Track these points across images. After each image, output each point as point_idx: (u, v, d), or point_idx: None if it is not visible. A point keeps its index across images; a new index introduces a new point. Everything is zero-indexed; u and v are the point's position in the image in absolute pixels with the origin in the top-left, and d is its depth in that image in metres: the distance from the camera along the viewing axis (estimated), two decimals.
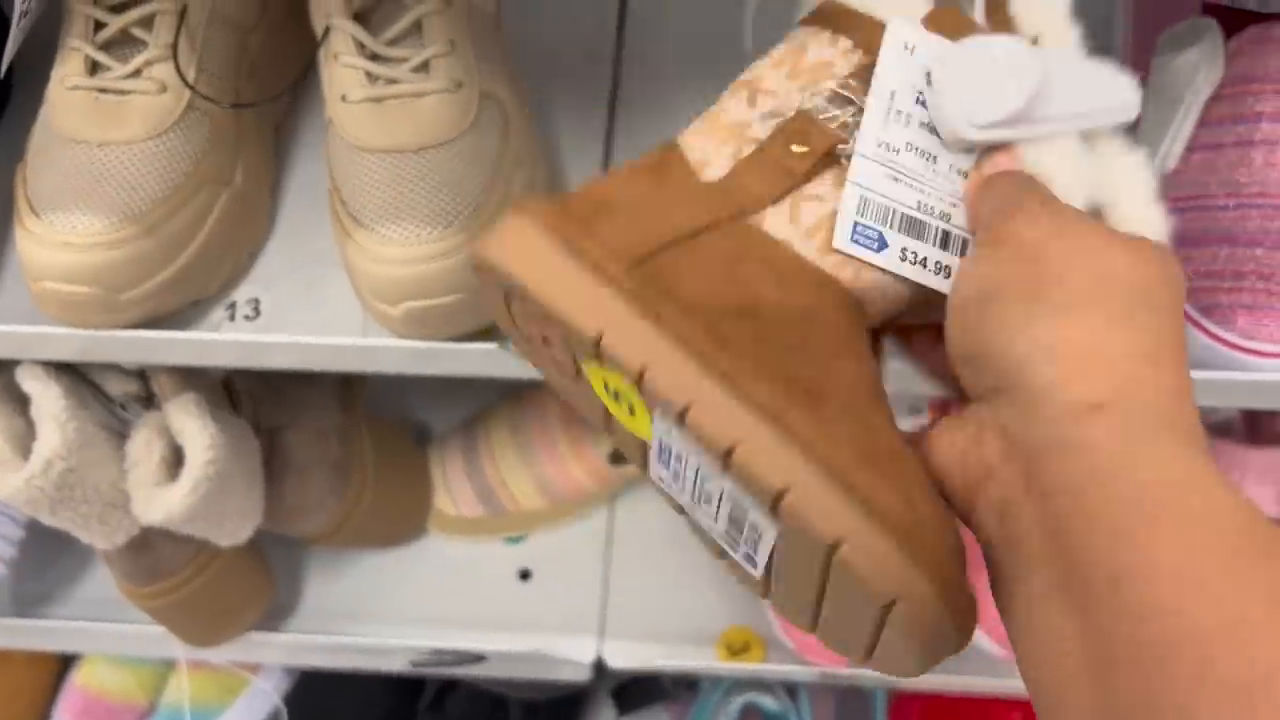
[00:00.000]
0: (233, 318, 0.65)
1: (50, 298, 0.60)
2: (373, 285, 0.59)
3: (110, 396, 0.69)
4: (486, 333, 0.62)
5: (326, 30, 0.60)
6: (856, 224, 0.41)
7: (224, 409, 0.72)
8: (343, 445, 0.81)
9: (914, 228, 0.42)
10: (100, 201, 0.59)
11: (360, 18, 0.61)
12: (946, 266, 0.42)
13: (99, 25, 0.61)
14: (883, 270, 0.42)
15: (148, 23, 0.61)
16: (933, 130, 0.43)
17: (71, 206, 0.58)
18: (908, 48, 0.43)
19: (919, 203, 0.42)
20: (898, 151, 0.42)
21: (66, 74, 0.61)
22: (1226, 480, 0.30)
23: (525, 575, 0.94)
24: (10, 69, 0.60)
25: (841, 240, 0.41)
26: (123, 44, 0.61)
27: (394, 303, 0.58)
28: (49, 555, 0.93)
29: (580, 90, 0.74)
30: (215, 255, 0.64)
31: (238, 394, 0.75)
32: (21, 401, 0.67)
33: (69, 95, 0.61)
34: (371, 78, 0.60)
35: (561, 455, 0.90)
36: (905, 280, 0.42)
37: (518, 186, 0.62)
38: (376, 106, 0.60)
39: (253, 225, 0.67)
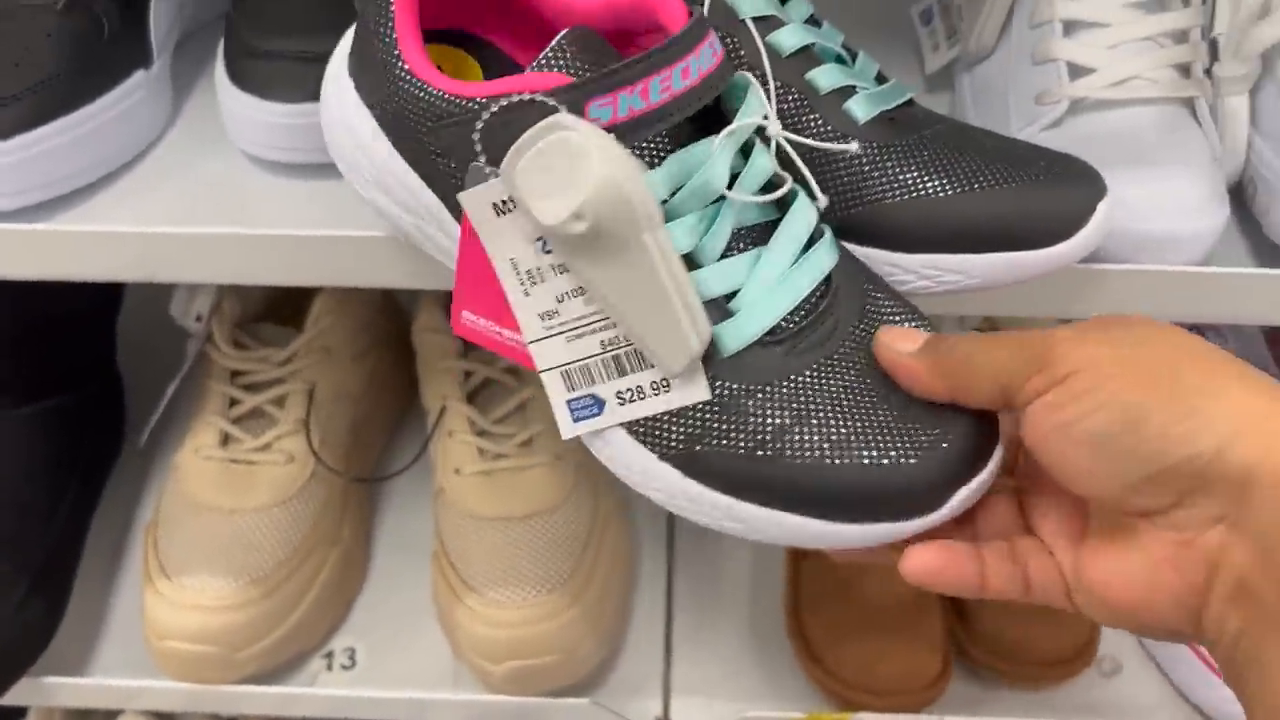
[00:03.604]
0: (330, 667, 0.69)
1: (172, 656, 0.64)
2: (479, 645, 0.63)
3: None
4: (575, 688, 0.67)
5: (442, 410, 0.68)
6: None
7: None
8: None
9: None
10: (229, 565, 0.64)
11: (471, 399, 0.68)
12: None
13: (234, 401, 0.68)
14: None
15: (280, 401, 0.68)
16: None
17: (202, 571, 0.64)
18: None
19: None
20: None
21: (201, 444, 0.67)
22: None
23: None
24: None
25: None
26: (254, 418, 0.68)
27: (498, 661, 0.63)
28: None
29: None
30: (321, 610, 0.68)
31: None
32: None
33: (202, 464, 0.67)
34: (483, 453, 0.67)
35: None
36: None
37: (608, 545, 0.68)
38: (487, 479, 0.66)
39: (354, 578, 0.72)
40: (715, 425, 0.37)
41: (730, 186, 0.37)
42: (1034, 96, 0.53)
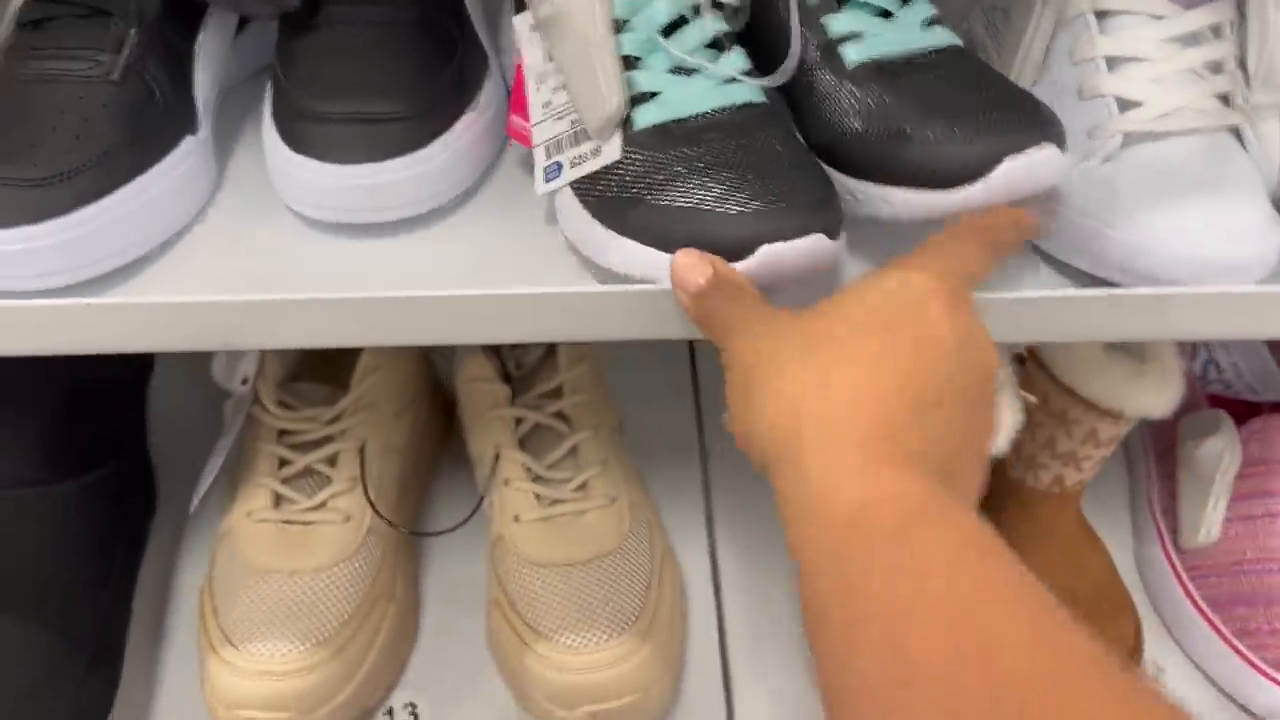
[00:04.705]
0: None
1: None
2: (553, 692, 0.63)
3: None
4: None
5: (496, 459, 0.68)
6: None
7: None
8: None
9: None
10: (294, 629, 0.63)
11: (523, 445, 0.69)
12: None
13: (284, 462, 0.68)
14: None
15: (332, 459, 0.68)
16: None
17: (268, 636, 0.63)
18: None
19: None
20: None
21: (253, 508, 0.67)
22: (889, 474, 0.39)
23: None
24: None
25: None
26: (304, 478, 0.68)
27: (574, 707, 0.63)
28: None
29: (675, 471, 0.82)
30: (383, 666, 0.68)
31: None
32: None
33: (256, 528, 0.66)
34: (540, 499, 0.67)
35: None
36: None
37: (668, 581, 0.69)
38: (546, 524, 0.67)
39: (408, 633, 0.71)
40: (617, 176, 0.49)
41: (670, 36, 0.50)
42: (1086, 131, 0.55)
